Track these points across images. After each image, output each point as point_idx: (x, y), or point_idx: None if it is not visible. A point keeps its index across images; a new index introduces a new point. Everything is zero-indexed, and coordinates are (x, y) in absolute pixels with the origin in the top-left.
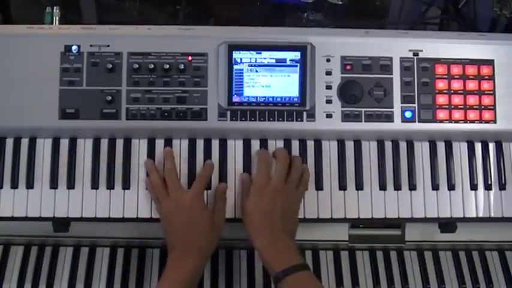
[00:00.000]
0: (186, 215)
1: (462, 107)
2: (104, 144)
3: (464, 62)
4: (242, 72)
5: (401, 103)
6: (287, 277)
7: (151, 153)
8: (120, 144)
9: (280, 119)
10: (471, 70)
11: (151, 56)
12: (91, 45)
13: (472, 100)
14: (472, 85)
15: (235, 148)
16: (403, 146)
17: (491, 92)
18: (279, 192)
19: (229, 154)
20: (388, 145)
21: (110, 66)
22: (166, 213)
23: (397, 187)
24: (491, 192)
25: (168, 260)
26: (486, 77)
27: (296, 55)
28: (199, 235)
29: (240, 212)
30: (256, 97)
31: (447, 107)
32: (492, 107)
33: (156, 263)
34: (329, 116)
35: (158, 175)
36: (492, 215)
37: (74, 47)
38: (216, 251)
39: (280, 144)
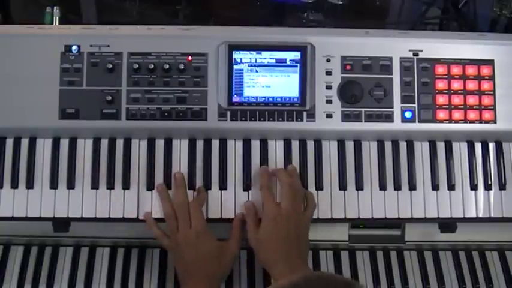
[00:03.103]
0: (194, 249)
1: (462, 107)
2: (104, 144)
3: (464, 62)
4: (242, 72)
5: (401, 103)
6: None
7: (151, 153)
8: (120, 144)
9: (280, 119)
10: (471, 70)
11: (151, 56)
12: (91, 45)
13: (472, 100)
14: (472, 85)
15: (235, 148)
16: (403, 146)
17: (491, 92)
18: (292, 218)
19: (229, 154)
20: (388, 145)
21: (110, 66)
22: (176, 248)
23: (397, 187)
24: (491, 192)
25: None
26: (486, 77)
27: (296, 55)
28: (209, 266)
29: (252, 241)
30: (256, 97)
31: (447, 107)
32: (492, 107)
33: (156, 263)
34: (329, 116)
35: (171, 206)
36: (492, 215)
37: (74, 47)
38: None
39: (280, 144)
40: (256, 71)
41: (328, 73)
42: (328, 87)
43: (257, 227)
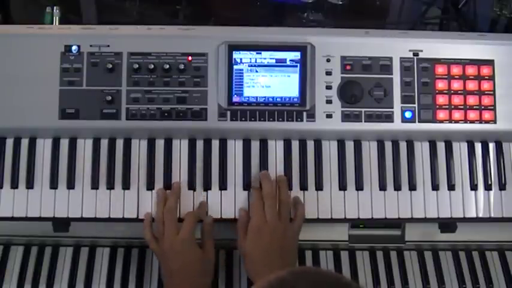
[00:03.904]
0: (179, 258)
1: (462, 107)
2: (104, 144)
3: (464, 62)
4: (242, 73)
5: (401, 103)
6: None
7: (151, 153)
8: (120, 144)
9: (280, 119)
10: (471, 70)
11: (151, 56)
12: (91, 45)
13: (472, 100)
14: (472, 85)
15: (235, 148)
16: (403, 146)
17: (491, 92)
18: (276, 231)
19: (229, 154)
20: (388, 145)
21: (110, 66)
22: (162, 254)
23: (397, 187)
24: (491, 192)
25: None
26: (486, 77)
27: (296, 55)
28: (193, 276)
29: (239, 248)
30: (256, 97)
31: (447, 107)
32: (492, 107)
33: (156, 263)
34: (329, 116)
35: (162, 211)
36: (492, 215)
37: (74, 47)
38: (217, 251)
39: (280, 144)
40: (256, 71)
41: (328, 73)
42: (328, 87)
43: (244, 237)
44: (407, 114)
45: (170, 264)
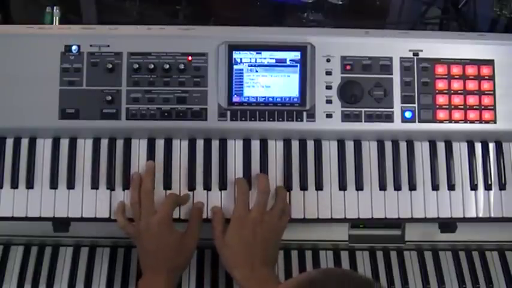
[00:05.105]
0: (155, 238)
1: (462, 107)
2: (104, 144)
3: (464, 62)
4: (242, 72)
5: (401, 103)
6: None
7: (151, 153)
8: (120, 144)
9: (280, 119)
10: (471, 70)
11: (151, 56)
12: (91, 45)
13: (472, 100)
14: (472, 85)
15: (235, 148)
16: (403, 146)
17: (491, 92)
18: (259, 224)
19: (229, 154)
20: (388, 145)
21: (110, 66)
22: (137, 235)
23: (397, 187)
24: (491, 192)
25: (140, 280)
26: (486, 77)
27: (296, 55)
28: (168, 257)
29: (217, 243)
30: (256, 97)
31: (447, 107)
32: (492, 107)
33: None
34: (329, 116)
35: (138, 194)
36: (492, 215)
37: (74, 47)
38: (216, 252)
39: (280, 144)
40: (256, 71)
41: (328, 73)
42: (328, 87)
43: (223, 232)
44: (407, 114)
45: (145, 245)
